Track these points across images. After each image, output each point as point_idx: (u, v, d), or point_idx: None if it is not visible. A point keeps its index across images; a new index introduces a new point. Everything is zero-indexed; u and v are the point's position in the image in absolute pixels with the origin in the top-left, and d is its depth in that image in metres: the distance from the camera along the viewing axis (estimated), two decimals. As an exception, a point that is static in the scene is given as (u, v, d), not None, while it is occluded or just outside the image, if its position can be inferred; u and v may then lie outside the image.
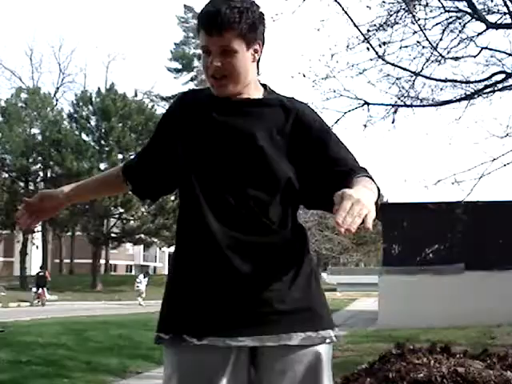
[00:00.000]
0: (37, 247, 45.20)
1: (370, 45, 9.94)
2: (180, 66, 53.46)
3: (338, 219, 1.60)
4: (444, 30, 10.44)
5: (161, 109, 51.03)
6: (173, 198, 36.19)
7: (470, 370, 5.30)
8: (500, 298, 14.84)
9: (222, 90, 1.95)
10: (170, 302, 2.00)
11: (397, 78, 10.69)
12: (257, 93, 2.02)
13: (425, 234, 16.29)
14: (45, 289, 29.76)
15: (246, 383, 1.93)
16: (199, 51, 2.01)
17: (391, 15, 10.39)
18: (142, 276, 32.66)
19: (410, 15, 10.01)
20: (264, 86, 2.07)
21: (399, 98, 10.72)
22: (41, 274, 30.61)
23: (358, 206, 1.62)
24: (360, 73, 10.60)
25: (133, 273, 62.61)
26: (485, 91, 10.57)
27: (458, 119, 10.76)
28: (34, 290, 29.60)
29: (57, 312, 21.15)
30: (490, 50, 10.48)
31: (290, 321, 1.91)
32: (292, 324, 1.91)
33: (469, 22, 10.42)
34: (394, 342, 7.16)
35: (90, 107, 43.39)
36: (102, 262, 50.31)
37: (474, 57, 10.34)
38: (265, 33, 1.99)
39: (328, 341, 1.98)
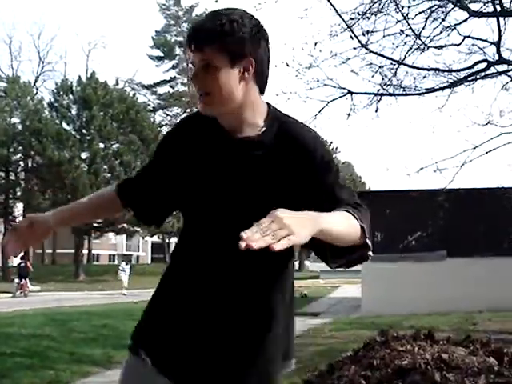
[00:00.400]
0: (18, 237, 44.90)
1: (353, 33, 9.96)
2: (162, 54, 53.26)
3: (243, 232, 1.40)
4: (427, 19, 10.47)
5: (142, 97, 50.85)
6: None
7: (453, 357, 5.36)
8: (481, 284, 15.00)
9: (205, 109, 1.83)
10: (154, 320, 1.95)
11: (379, 67, 10.73)
12: (258, 117, 1.87)
13: (407, 222, 16.41)
14: (27, 279, 29.58)
15: None
16: (181, 39, 1.96)
17: (374, 3, 10.40)
18: (123, 264, 32.34)
19: (393, 3, 10.02)
20: (268, 104, 1.91)
21: (382, 87, 10.75)
22: (22, 264, 30.39)
23: (278, 225, 1.44)
24: (343, 62, 10.64)
25: (116, 262, 62.43)
26: (467, 79, 10.62)
27: (441, 107, 10.83)
28: (17, 280, 29.41)
29: (40, 303, 21.06)
30: (473, 38, 10.54)
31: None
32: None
33: (451, 10, 10.46)
34: (377, 329, 7.21)
35: (71, 96, 43.07)
36: (85, 251, 50.11)
37: (457, 45, 10.40)
38: (264, 49, 1.82)
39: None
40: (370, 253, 1.84)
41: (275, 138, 1.86)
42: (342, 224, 1.69)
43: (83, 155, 42.74)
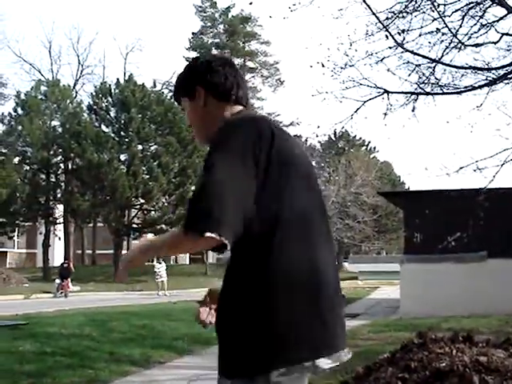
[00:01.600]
0: (59, 239, 45.61)
1: (389, 32, 9.87)
2: (198, 56, 53.49)
3: None
4: (464, 16, 10.31)
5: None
6: (193, 187, 36.26)
7: (492, 359, 5.27)
8: (523, 285, 14.74)
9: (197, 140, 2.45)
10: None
11: (416, 65, 10.60)
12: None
13: (446, 222, 16.19)
14: (69, 280, 30.05)
15: None
16: (217, 40, 2.15)
17: (410, 1, 10.30)
18: (157, 265, 31.56)
19: (429, 1, 9.90)
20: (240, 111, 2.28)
21: (419, 86, 10.62)
22: (65, 265, 30.91)
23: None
24: (379, 61, 10.53)
25: (154, 263, 62.96)
26: (507, 77, 10.43)
27: (480, 106, 10.64)
28: (58, 281, 29.86)
29: (79, 303, 21.35)
30: (511, 35, 10.33)
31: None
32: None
33: (489, 7, 10.28)
34: (415, 331, 7.14)
35: (110, 98, 43.55)
36: (124, 252, 50.63)
37: (495, 43, 10.21)
38: (208, 76, 2.27)
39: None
40: (209, 234, 1.82)
41: None
42: (165, 241, 2.07)
43: (122, 157, 43.18)
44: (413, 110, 10.75)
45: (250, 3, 12.27)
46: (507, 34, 10.22)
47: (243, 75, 2.44)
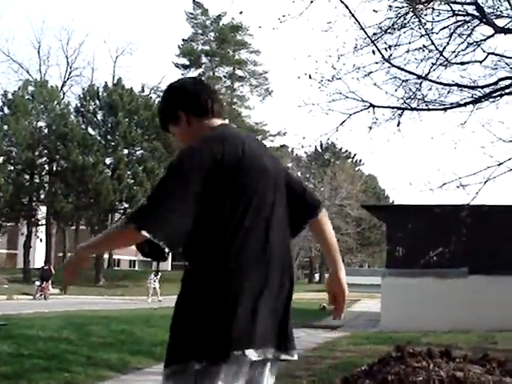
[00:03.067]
0: (41, 240, 45.31)
1: (377, 47, 9.94)
2: (188, 62, 53.50)
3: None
4: (451, 34, 10.42)
5: (168, 105, 50.96)
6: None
7: (468, 375, 5.31)
8: (503, 303, 14.82)
9: None
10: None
11: (403, 81, 10.68)
12: None
13: (429, 237, 16.26)
14: (49, 282, 29.88)
15: None
16: (207, 47, 2.18)
17: (399, 18, 10.38)
18: (153, 275, 32.01)
19: (417, 18, 9.99)
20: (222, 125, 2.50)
21: (405, 102, 10.69)
22: (46, 267, 30.79)
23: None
24: (366, 75, 10.59)
25: (136, 268, 62.69)
26: (492, 95, 10.53)
27: (464, 123, 10.73)
28: (38, 283, 29.69)
29: (59, 306, 21.23)
30: (497, 55, 10.45)
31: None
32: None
33: (477, 25, 10.39)
34: (394, 345, 7.16)
35: (97, 101, 43.49)
36: (106, 256, 50.41)
37: (480, 62, 10.32)
38: (183, 99, 2.49)
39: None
40: (144, 233, 2.17)
41: None
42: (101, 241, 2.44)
43: (107, 160, 43.07)
44: (398, 125, 10.82)
45: (240, 12, 12.37)
46: (493, 54, 10.33)
47: (216, 91, 2.76)
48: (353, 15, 9.63)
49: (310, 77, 10.61)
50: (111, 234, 2.51)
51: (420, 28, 10.04)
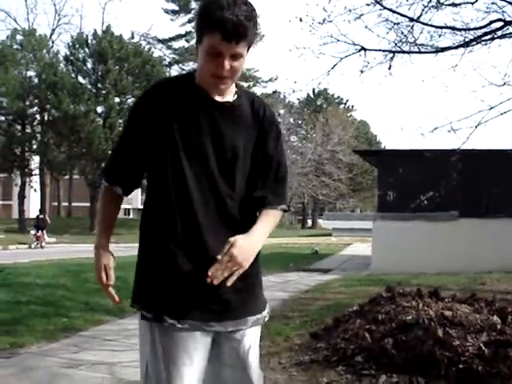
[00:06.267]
0: (35, 190, 45.30)
1: (368, -12, 9.82)
2: (177, 8, 52.63)
3: (210, 270, 1.98)
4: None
5: (158, 51, 50.50)
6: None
7: (456, 314, 5.46)
8: (492, 245, 15.03)
9: (220, 89, 2.14)
10: (150, 279, 2.21)
11: (395, 24, 10.60)
12: (233, 88, 2.22)
13: (420, 182, 16.39)
14: (44, 231, 30.05)
15: (206, 360, 2.19)
16: None
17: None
18: None
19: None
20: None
21: (396, 44, 10.64)
22: (40, 216, 30.88)
23: (233, 264, 1.99)
24: (357, 17, 10.52)
25: (131, 216, 62.94)
26: (483, 38, 10.47)
27: (455, 66, 10.70)
28: (33, 232, 29.83)
29: (55, 254, 21.38)
30: (488, -4, 10.35)
31: (245, 307, 2.22)
32: (246, 310, 2.23)
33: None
34: (385, 286, 7.32)
35: (87, 50, 42.86)
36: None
37: (472, 4, 10.22)
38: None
39: (265, 319, 2.33)
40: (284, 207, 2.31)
41: (247, 105, 2.24)
42: (272, 225, 2.23)
43: (99, 109, 42.71)
44: (389, 68, 10.79)
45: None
46: (484, -5, 10.22)
47: None
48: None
49: (301, 20, 10.55)
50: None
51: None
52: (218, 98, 2.16)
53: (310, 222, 65.67)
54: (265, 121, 2.23)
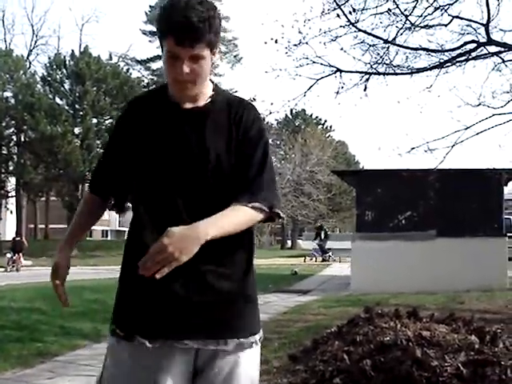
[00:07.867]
0: (11, 212, 44.89)
1: (342, 11, 9.94)
2: (155, 29, 52.76)
3: (140, 262, 1.84)
4: (418, -2, 10.42)
5: (136, 72, 50.51)
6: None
7: (435, 334, 5.45)
8: (471, 264, 15.09)
9: (184, 93, 2.09)
10: (123, 299, 2.19)
11: (370, 46, 10.71)
12: (208, 90, 2.17)
13: (398, 201, 16.45)
14: (21, 254, 29.67)
15: (187, 380, 2.10)
16: None
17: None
18: None
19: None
20: (211, 81, 2.20)
21: (372, 66, 10.74)
22: (17, 239, 30.52)
23: (162, 254, 1.81)
24: (333, 39, 10.61)
25: (108, 238, 62.50)
26: (458, 59, 10.61)
27: (430, 87, 10.82)
28: (9, 255, 29.44)
29: (31, 277, 21.10)
30: (462, 19, 10.51)
31: (224, 326, 2.10)
32: (225, 330, 2.10)
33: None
34: (364, 307, 7.30)
35: (64, 70, 42.81)
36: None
37: (446, 25, 10.37)
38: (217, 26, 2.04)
39: (254, 345, 2.17)
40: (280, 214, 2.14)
41: (224, 108, 2.17)
42: (234, 220, 2.01)
43: (76, 130, 42.57)
44: (365, 90, 10.88)
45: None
46: (457, 17, 10.38)
47: None
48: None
49: (276, 41, 10.62)
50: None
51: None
52: (187, 105, 2.13)
53: (289, 242, 65.65)
54: (242, 123, 2.14)
